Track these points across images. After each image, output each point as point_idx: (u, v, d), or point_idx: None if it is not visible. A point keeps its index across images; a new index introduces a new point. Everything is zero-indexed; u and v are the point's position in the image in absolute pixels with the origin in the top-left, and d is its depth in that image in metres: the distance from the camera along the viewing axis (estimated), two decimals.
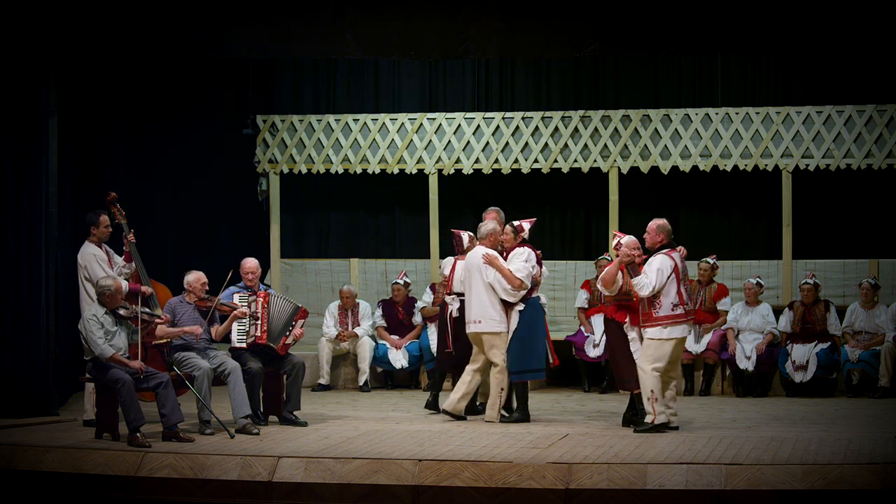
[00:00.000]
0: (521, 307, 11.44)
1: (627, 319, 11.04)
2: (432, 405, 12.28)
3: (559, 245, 15.44)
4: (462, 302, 11.90)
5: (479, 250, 11.57)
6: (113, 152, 14.30)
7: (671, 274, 10.80)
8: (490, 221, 11.74)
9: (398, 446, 10.17)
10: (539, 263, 11.65)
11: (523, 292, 11.44)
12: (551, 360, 11.76)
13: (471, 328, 11.58)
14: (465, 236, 12.17)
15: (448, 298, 12.13)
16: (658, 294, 10.77)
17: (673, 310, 10.81)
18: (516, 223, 11.69)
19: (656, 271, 10.79)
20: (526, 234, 11.68)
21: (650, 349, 10.82)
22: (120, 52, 12.37)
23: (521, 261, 11.46)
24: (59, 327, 12.28)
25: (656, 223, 11.01)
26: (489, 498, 9.22)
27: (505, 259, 11.51)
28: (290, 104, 15.91)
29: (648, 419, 10.79)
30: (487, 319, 11.46)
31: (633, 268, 10.94)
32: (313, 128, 15.43)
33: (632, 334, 11.03)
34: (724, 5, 11.63)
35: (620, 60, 15.31)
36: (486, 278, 11.44)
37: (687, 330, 11.00)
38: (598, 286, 11.41)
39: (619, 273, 10.97)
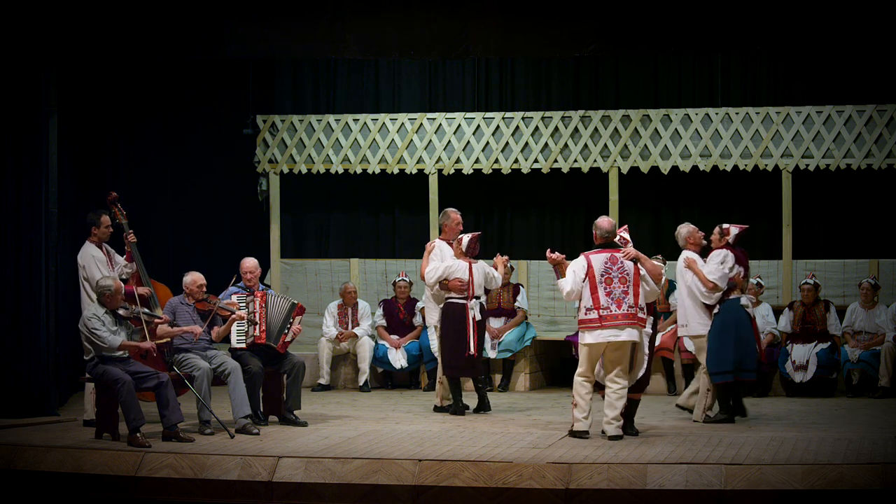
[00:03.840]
0: (716, 310, 11.53)
1: None
2: (463, 409, 12.30)
3: (559, 245, 15.40)
4: (481, 305, 12.24)
5: (683, 254, 11.71)
6: (113, 152, 14.31)
7: (584, 276, 10.51)
8: (684, 225, 11.80)
9: (398, 446, 10.17)
10: (743, 265, 11.64)
11: (718, 294, 11.49)
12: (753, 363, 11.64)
13: (678, 332, 12.05)
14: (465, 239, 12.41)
15: (470, 303, 12.18)
16: (580, 297, 10.54)
17: (586, 314, 10.47)
18: (725, 226, 11.75)
19: (572, 273, 10.58)
20: (731, 238, 11.65)
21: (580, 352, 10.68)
22: (120, 52, 12.36)
23: (716, 263, 11.53)
24: (59, 327, 12.29)
25: (596, 221, 10.77)
26: (489, 498, 9.22)
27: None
28: (290, 104, 15.91)
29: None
30: (692, 322, 11.66)
31: (558, 269, 10.76)
32: (313, 128, 15.44)
33: None
34: (724, 5, 11.63)
35: (620, 60, 15.32)
36: (686, 282, 11.60)
37: (607, 335, 10.42)
38: None
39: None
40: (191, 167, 15.37)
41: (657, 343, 13.98)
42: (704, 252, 11.77)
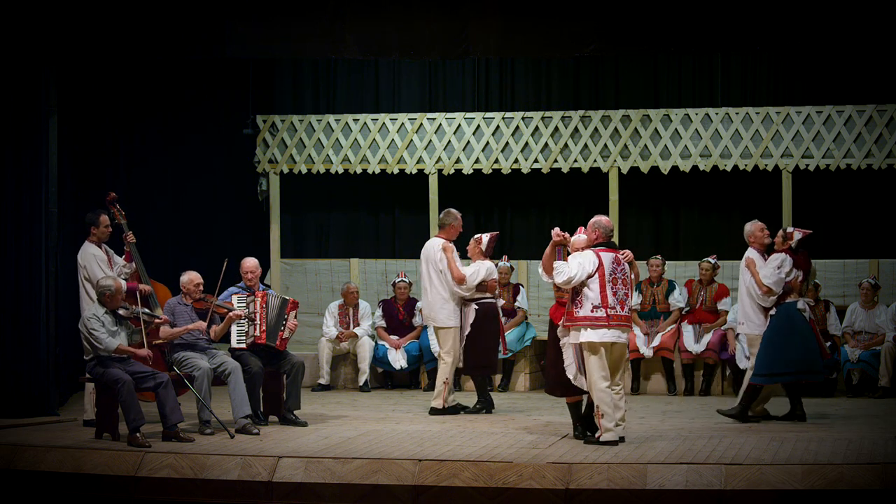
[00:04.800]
0: (773, 312, 11.58)
1: (562, 321, 10.55)
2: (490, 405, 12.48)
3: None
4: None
5: (746, 252, 11.82)
6: (113, 152, 14.31)
7: (594, 272, 10.26)
8: (750, 223, 11.89)
9: (398, 446, 10.17)
10: (802, 269, 11.62)
11: (773, 298, 11.54)
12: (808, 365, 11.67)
13: (737, 329, 12.32)
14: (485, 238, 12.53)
15: (498, 302, 12.49)
16: (580, 293, 10.29)
17: (593, 311, 10.19)
18: (789, 230, 11.76)
19: (577, 264, 10.28)
20: (794, 243, 11.64)
21: (585, 357, 10.29)
22: (120, 52, 12.37)
23: (773, 267, 11.55)
24: (59, 327, 12.29)
25: (592, 220, 10.55)
26: (489, 498, 9.22)
27: None
28: (290, 104, 15.91)
29: (597, 434, 10.30)
30: (747, 322, 11.76)
31: (561, 252, 10.47)
32: (313, 128, 15.43)
33: (564, 339, 10.53)
34: (724, 5, 11.63)
35: (620, 60, 15.31)
36: (745, 282, 11.70)
37: (613, 335, 10.21)
38: (539, 271, 10.85)
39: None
40: (191, 167, 15.37)
41: (657, 343, 14.05)
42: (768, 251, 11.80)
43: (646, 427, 11.19)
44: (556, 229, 10.53)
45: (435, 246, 12.38)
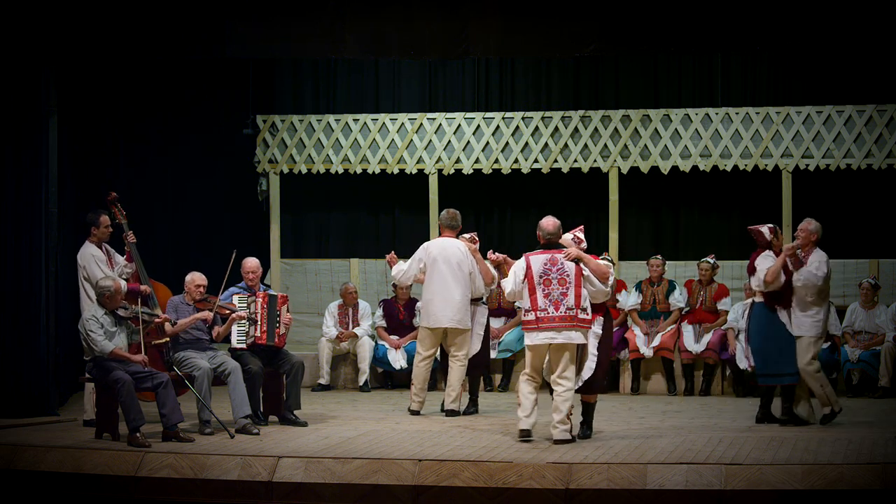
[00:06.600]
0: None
1: None
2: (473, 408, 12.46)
3: None
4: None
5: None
6: (113, 152, 14.31)
7: (524, 278, 10.33)
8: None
9: (398, 446, 10.17)
10: (749, 269, 11.57)
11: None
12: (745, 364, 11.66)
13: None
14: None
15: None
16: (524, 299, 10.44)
17: (525, 315, 10.33)
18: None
19: (513, 274, 10.46)
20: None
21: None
22: (120, 52, 12.37)
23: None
24: (59, 327, 12.29)
25: (540, 222, 10.54)
26: (489, 498, 9.23)
27: None
28: (290, 104, 15.91)
29: None
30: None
31: (500, 270, 10.66)
32: (313, 128, 15.44)
33: None
34: (724, 5, 11.63)
35: (620, 60, 15.32)
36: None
37: (544, 337, 10.23)
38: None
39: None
40: (191, 167, 15.37)
41: (657, 343, 14.04)
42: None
43: (646, 427, 11.20)
44: (490, 252, 10.83)
45: (458, 247, 12.18)
